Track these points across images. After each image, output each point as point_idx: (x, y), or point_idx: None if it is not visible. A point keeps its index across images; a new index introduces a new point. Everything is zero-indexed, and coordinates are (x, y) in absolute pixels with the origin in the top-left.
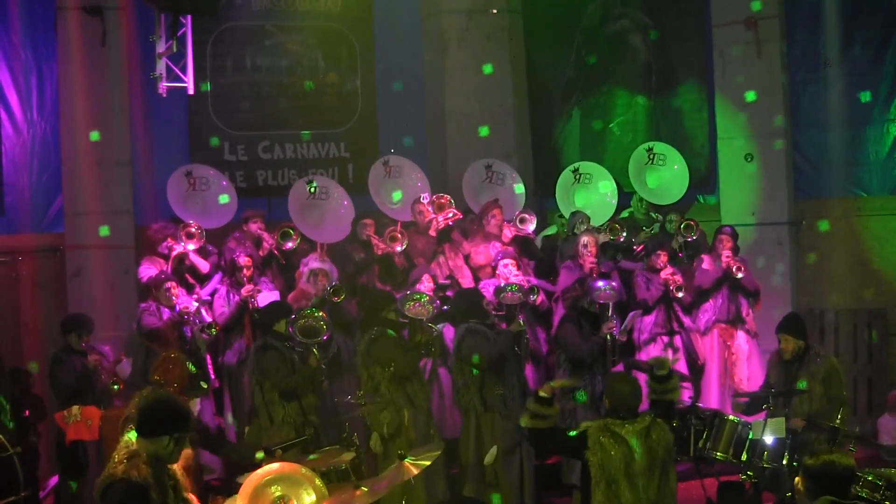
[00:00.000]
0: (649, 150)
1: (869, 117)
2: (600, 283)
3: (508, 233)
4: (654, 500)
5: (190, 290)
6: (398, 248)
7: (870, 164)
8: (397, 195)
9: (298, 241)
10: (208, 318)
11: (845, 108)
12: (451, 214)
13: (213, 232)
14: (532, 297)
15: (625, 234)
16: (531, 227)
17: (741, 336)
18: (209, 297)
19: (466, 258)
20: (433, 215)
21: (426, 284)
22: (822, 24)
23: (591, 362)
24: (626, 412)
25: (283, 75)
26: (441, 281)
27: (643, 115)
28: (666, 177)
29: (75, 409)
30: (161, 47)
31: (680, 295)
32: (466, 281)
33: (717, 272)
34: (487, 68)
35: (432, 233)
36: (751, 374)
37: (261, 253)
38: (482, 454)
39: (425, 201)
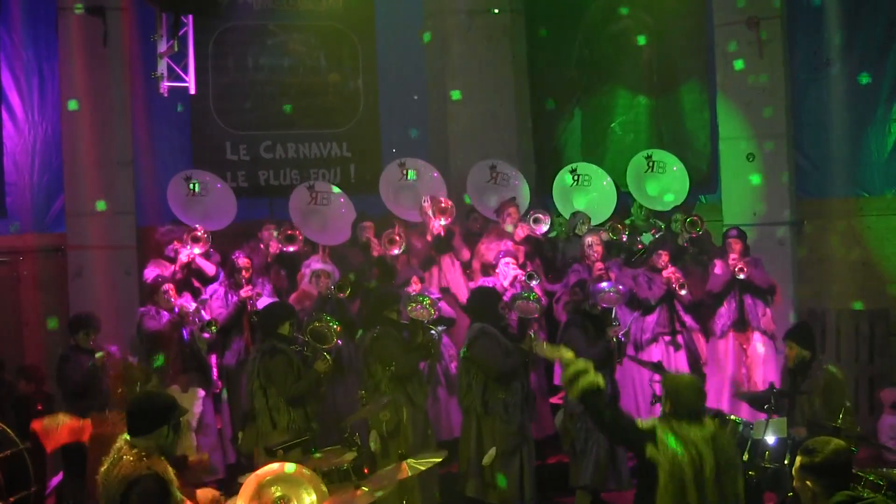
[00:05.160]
0: (648, 157)
1: (871, 117)
2: (604, 285)
3: (521, 232)
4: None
5: (196, 293)
6: (395, 252)
7: (871, 164)
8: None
9: (301, 243)
10: (207, 317)
11: (847, 108)
12: (442, 222)
13: (214, 235)
14: (534, 282)
15: (627, 234)
16: (545, 227)
17: (757, 338)
18: (207, 297)
19: (465, 266)
20: (431, 217)
21: (414, 286)
22: (823, 24)
23: (598, 366)
24: (689, 414)
25: (285, 75)
26: (435, 294)
27: (645, 114)
28: (666, 183)
29: (62, 416)
30: (162, 47)
31: (683, 292)
32: (462, 295)
33: (727, 276)
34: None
35: (428, 237)
36: (768, 377)
37: (268, 260)
38: (482, 454)
39: (426, 203)
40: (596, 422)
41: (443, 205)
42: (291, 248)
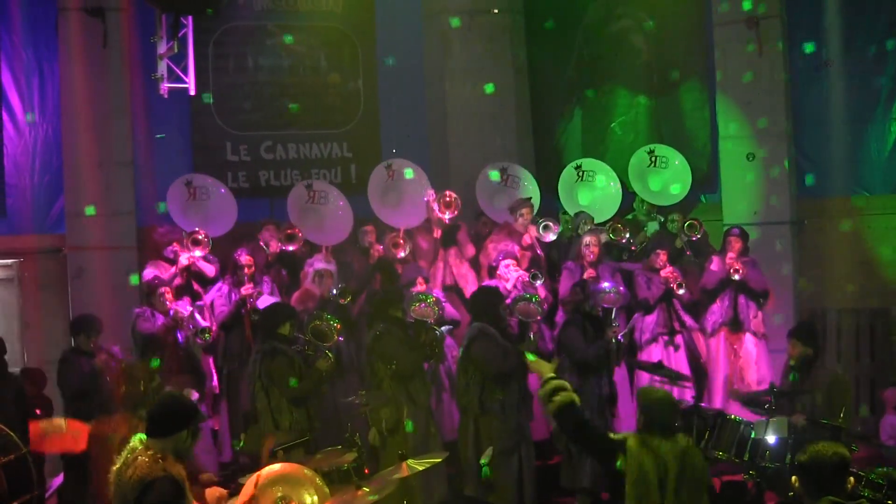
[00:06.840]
0: (651, 152)
1: (871, 116)
2: (605, 285)
3: (528, 237)
4: None
5: (195, 296)
6: (401, 255)
7: (872, 163)
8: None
9: (301, 243)
10: (203, 323)
11: (847, 106)
12: (447, 216)
13: (215, 240)
14: (538, 282)
15: (628, 235)
16: (552, 236)
17: (748, 339)
18: (203, 303)
19: (472, 261)
20: (436, 212)
21: (419, 287)
22: (823, 23)
23: (596, 366)
24: (662, 429)
25: (286, 75)
26: (447, 282)
27: (644, 114)
28: (668, 178)
29: (59, 421)
30: (162, 48)
31: (681, 292)
32: (470, 288)
33: (723, 273)
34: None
35: (436, 233)
36: (760, 377)
37: (269, 259)
38: (480, 454)
39: (430, 198)
40: (569, 436)
41: (447, 199)
42: (292, 247)
